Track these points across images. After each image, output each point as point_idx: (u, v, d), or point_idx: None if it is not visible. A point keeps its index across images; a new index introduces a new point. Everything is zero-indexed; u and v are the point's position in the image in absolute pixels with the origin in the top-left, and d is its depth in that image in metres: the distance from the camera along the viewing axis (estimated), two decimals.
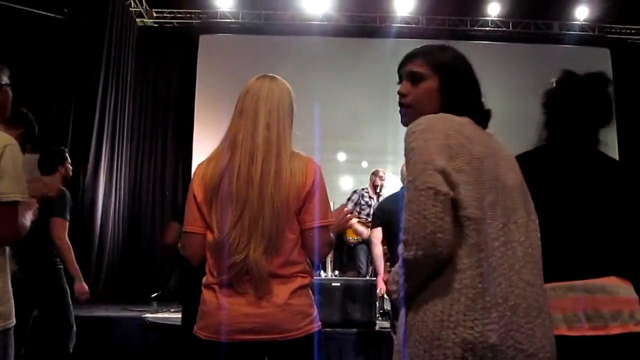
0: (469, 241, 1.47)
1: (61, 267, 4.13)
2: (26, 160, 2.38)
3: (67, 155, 4.40)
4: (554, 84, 2.17)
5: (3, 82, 2.33)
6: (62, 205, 4.12)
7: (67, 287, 4.13)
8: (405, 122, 1.71)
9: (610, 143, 2.06)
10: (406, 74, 1.75)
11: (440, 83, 1.70)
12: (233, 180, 1.99)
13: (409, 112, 1.73)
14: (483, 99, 1.75)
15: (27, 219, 2.23)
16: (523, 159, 1.76)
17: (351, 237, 7.16)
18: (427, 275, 1.49)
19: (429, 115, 1.61)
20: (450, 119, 1.60)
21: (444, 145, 1.51)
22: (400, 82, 1.78)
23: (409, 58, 1.77)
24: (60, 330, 4.04)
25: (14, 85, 2.39)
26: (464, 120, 1.61)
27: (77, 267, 4.21)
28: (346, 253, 7.44)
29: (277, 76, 2.20)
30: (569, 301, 1.79)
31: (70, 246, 4.14)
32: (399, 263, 1.55)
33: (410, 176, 1.52)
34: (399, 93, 1.76)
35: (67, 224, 4.15)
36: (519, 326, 1.43)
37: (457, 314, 1.42)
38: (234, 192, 1.98)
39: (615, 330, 1.77)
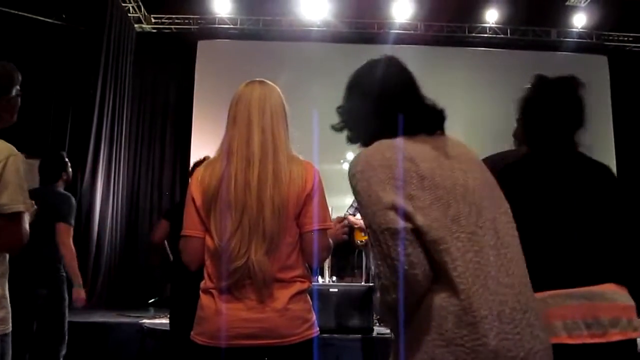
0: (440, 263, 1.43)
1: (64, 274, 4.11)
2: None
3: (67, 160, 4.40)
4: (527, 90, 2.19)
5: (14, 93, 2.37)
6: (67, 210, 4.11)
7: (67, 296, 4.11)
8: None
9: (608, 149, 2.08)
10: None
11: (364, 108, 1.72)
12: (231, 188, 1.99)
13: (351, 139, 1.81)
14: (424, 101, 1.69)
15: (27, 224, 2.23)
16: (510, 171, 1.76)
17: (359, 240, 7.18)
18: (410, 311, 1.47)
19: (363, 151, 1.57)
20: (386, 146, 1.54)
21: (387, 178, 1.47)
22: None
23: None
24: (54, 339, 4.02)
25: None
26: (399, 141, 1.56)
27: (79, 274, 4.19)
28: (356, 255, 7.45)
29: (266, 80, 2.21)
30: (569, 309, 1.79)
31: (74, 252, 4.13)
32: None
33: (365, 222, 1.50)
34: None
35: (72, 229, 4.14)
36: (507, 333, 1.40)
37: (446, 332, 1.41)
38: (232, 200, 1.98)
39: (614, 337, 1.77)
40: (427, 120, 1.65)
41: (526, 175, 1.92)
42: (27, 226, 2.22)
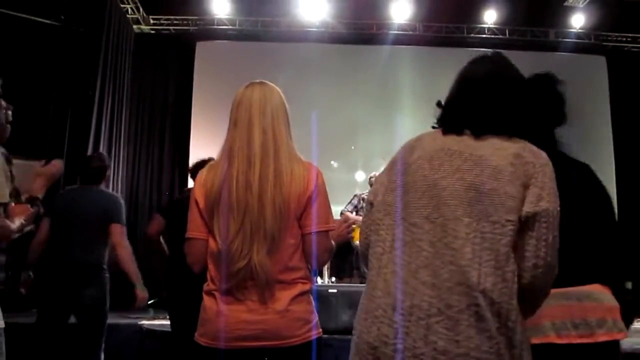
0: (372, 242, 1.62)
1: (108, 275, 4.14)
2: (21, 166, 2.39)
3: (109, 161, 4.42)
4: None
5: None
6: (120, 211, 4.13)
7: (109, 296, 4.15)
8: None
9: (606, 149, 2.08)
10: None
11: None
12: (232, 190, 1.99)
13: None
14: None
15: (16, 223, 2.23)
16: None
17: (357, 240, 7.19)
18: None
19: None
20: (419, 135, 1.72)
21: (391, 160, 1.71)
22: None
23: None
24: (98, 338, 4.12)
25: (11, 92, 2.39)
26: (429, 132, 1.71)
27: (139, 273, 4.22)
28: (355, 256, 7.46)
29: (265, 81, 2.21)
30: (558, 309, 1.80)
31: (132, 251, 4.19)
32: None
33: None
34: None
35: (125, 229, 4.18)
36: (392, 321, 1.45)
37: (360, 304, 1.60)
38: (234, 201, 1.98)
39: (601, 337, 1.79)
40: (453, 120, 1.66)
41: None
42: (13, 222, 2.21)
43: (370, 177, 7.37)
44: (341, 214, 7.41)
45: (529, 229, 1.47)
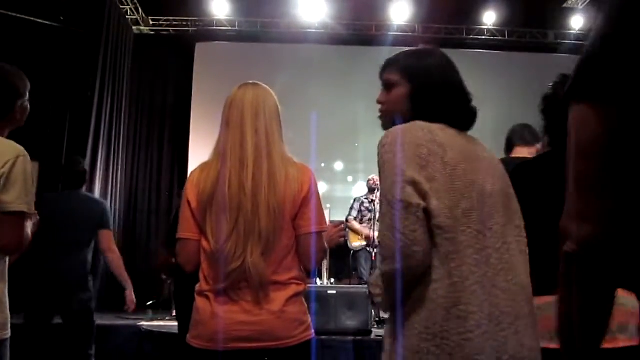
0: (441, 250, 1.46)
1: (92, 280, 4.13)
2: None
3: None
4: (550, 89, 2.16)
5: (27, 99, 2.39)
6: (108, 216, 4.15)
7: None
8: (384, 128, 1.74)
9: None
10: (382, 82, 1.79)
11: (410, 89, 1.71)
12: (225, 190, 1.98)
13: (384, 119, 1.79)
14: (471, 102, 1.73)
15: (29, 231, 2.23)
16: (526, 167, 1.75)
17: (355, 243, 7.21)
18: (406, 288, 1.49)
19: (398, 126, 1.61)
20: (421, 127, 1.58)
21: (414, 155, 1.51)
22: None
23: (384, 66, 1.80)
24: (87, 341, 4.06)
25: None
26: (437, 127, 1.60)
27: (128, 277, 4.27)
28: (351, 258, 7.48)
29: (259, 83, 2.21)
30: None
31: (120, 256, 4.19)
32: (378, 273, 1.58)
33: (382, 190, 1.53)
34: (377, 101, 1.80)
35: (112, 234, 4.19)
36: (493, 334, 1.42)
37: (434, 325, 1.43)
38: (227, 202, 1.97)
39: (623, 342, 1.75)
40: (467, 118, 1.71)
41: (538, 174, 1.89)
42: (28, 230, 2.21)
43: (369, 180, 7.36)
44: (346, 220, 7.41)
45: None
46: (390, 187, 1.49)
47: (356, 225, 7.32)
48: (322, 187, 9.25)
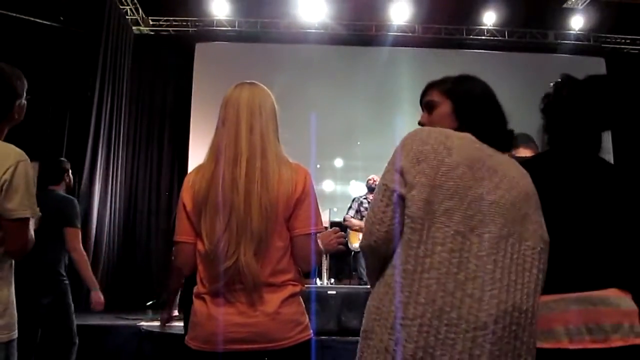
0: (404, 237, 1.51)
1: (67, 281, 4.05)
2: None
3: (68, 164, 4.38)
4: (552, 88, 2.15)
5: (25, 99, 2.40)
6: (74, 214, 4.07)
7: (72, 302, 4.07)
8: None
9: (605, 150, 2.05)
10: (424, 105, 1.87)
11: (453, 107, 1.77)
12: (219, 189, 1.97)
13: None
14: (508, 124, 1.79)
15: (32, 232, 2.26)
16: (525, 165, 1.75)
17: (356, 243, 7.22)
18: (375, 266, 1.61)
19: (419, 127, 1.71)
20: (441, 131, 1.64)
21: (417, 150, 1.57)
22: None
23: (425, 90, 1.89)
24: (62, 346, 3.97)
25: None
26: (458, 134, 1.64)
27: (94, 277, 4.18)
28: (352, 259, 7.49)
29: (256, 82, 2.20)
30: (572, 314, 1.77)
31: (86, 256, 4.12)
32: None
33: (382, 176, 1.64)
34: (419, 123, 1.86)
35: (80, 233, 4.11)
36: (438, 332, 1.42)
37: (383, 306, 1.50)
38: (220, 201, 1.97)
39: (616, 342, 1.75)
40: (503, 137, 1.76)
41: (537, 172, 1.89)
42: (32, 233, 2.24)
43: (369, 180, 7.39)
44: (344, 220, 7.44)
45: None
46: (384, 173, 1.61)
47: (354, 221, 7.33)
48: (322, 187, 9.25)
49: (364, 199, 7.43)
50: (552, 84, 2.14)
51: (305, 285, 2.16)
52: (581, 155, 1.99)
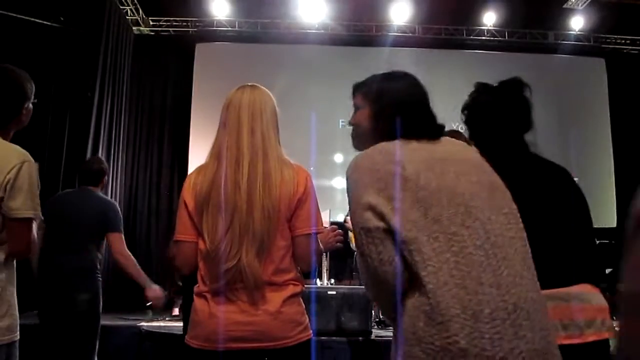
0: (409, 262, 1.48)
1: (101, 278, 4.16)
2: None
3: (106, 165, 4.40)
4: (469, 97, 2.21)
5: (32, 102, 2.44)
6: (119, 219, 4.12)
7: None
8: (356, 149, 1.86)
9: (605, 151, 2.09)
10: (353, 106, 1.92)
11: (370, 110, 1.81)
12: (220, 190, 1.99)
13: (353, 138, 1.91)
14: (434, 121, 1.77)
15: (36, 235, 2.28)
16: None
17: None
18: (391, 303, 1.54)
19: (358, 154, 1.68)
20: (379, 150, 1.63)
21: (372, 180, 1.56)
22: None
23: (352, 92, 1.96)
24: (91, 341, 4.08)
25: None
26: (396, 145, 1.63)
27: (145, 275, 4.25)
28: (352, 259, 7.49)
29: (258, 85, 2.21)
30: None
31: (133, 257, 4.19)
32: None
33: (352, 221, 1.61)
34: (348, 123, 1.94)
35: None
36: (482, 332, 1.41)
37: (418, 331, 1.45)
38: (222, 202, 1.98)
39: (590, 337, 1.81)
40: (427, 125, 1.73)
41: None
42: (35, 234, 2.25)
43: None
44: (345, 221, 7.44)
45: None
46: (353, 216, 1.57)
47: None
48: (321, 187, 9.25)
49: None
50: (468, 95, 2.22)
51: (305, 286, 2.18)
52: (512, 155, 2.05)
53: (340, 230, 2.44)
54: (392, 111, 1.73)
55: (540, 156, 2.09)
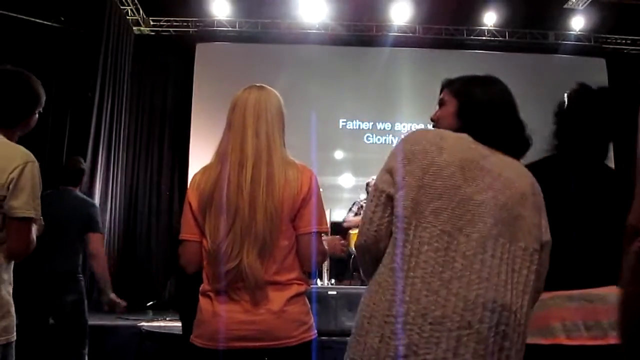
0: (392, 237, 1.54)
1: (83, 279, 4.13)
2: None
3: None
4: (567, 96, 2.19)
5: (42, 108, 2.53)
6: (98, 218, 4.15)
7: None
8: None
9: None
10: (438, 102, 1.88)
11: (457, 107, 1.77)
12: (223, 192, 1.99)
13: None
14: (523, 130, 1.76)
15: (35, 236, 2.28)
16: (530, 169, 1.76)
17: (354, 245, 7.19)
18: (368, 265, 1.63)
19: (418, 129, 1.73)
20: (437, 131, 1.68)
21: (408, 150, 1.60)
22: None
23: (441, 88, 1.90)
24: (80, 342, 4.06)
25: None
26: (455, 135, 1.65)
27: (110, 280, 4.24)
28: (354, 260, 7.48)
29: (265, 85, 2.21)
30: (569, 310, 1.79)
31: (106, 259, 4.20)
32: None
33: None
34: (430, 119, 1.88)
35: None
36: (422, 330, 1.42)
37: (374, 304, 1.51)
38: (224, 203, 1.98)
39: (613, 339, 1.77)
40: (510, 135, 1.72)
41: (542, 176, 1.91)
42: (34, 235, 2.26)
43: (367, 183, 7.37)
44: (344, 221, 7.44)
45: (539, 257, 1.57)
46: (378, 173, 1.65)
47: (353, 218, 7.35)
48: (322, 188, 9.23)
49: (364, 202, 7.43)
50: (567, 92, 2.19)
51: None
52: (587, 161, 2.03)
53: (345, 242, 2.45)
54: (476, 114, 1.72)
55: (608, 167, 2.09)
